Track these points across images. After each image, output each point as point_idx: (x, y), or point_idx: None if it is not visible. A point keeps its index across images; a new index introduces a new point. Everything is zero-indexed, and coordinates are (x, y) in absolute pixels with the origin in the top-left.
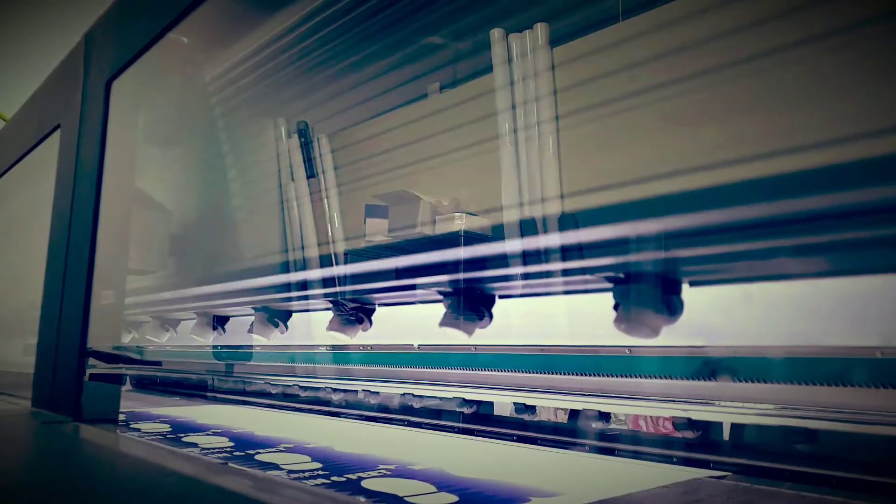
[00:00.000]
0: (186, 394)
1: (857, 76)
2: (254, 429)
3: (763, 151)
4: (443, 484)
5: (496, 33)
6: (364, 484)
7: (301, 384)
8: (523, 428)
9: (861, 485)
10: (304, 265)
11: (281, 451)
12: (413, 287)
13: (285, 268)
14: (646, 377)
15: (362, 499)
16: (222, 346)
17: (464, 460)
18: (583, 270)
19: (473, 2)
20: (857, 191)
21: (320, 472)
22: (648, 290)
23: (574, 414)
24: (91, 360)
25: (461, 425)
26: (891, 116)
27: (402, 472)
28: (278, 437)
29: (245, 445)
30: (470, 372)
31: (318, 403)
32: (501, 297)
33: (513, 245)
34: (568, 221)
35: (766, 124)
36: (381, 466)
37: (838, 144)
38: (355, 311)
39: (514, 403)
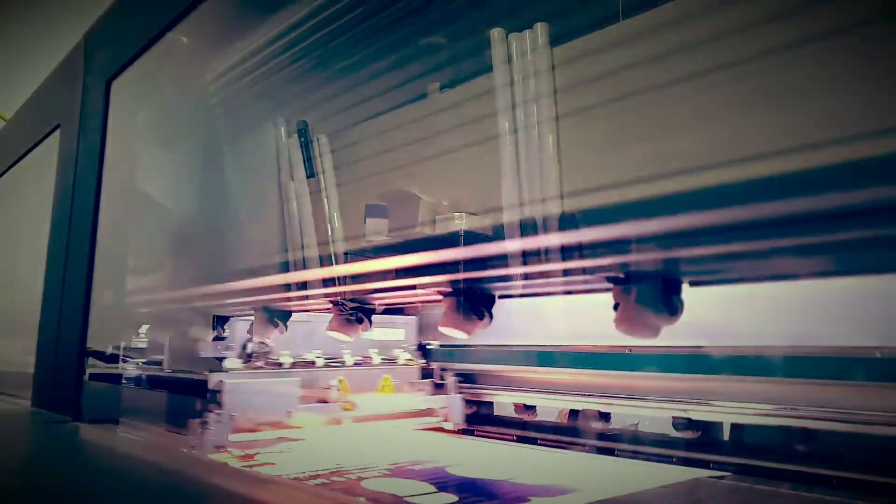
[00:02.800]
0: None
1: (858, 76)
2: None
3: (763, 152)
4: (442, 484)
5: (496, 33)
6: (364, 484)
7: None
8: (523, 428)
9: (861, 485)
10: (304, 265)
11: (280, 451)
12: (413, 287)
13: (285, 267)
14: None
15: (362, 499)
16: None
17: (464, 460)
18: (583, 270)
19: (473, 2)
20: (857, 191)
21: (320, 473)
22: (648, 290)
23: (574, 413)
24: (91, 360)
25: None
26: (891, 116)
27: (402, 472)
28: (278, 436)
29: (245, 446)
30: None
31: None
32: (501, 297)
33: (513, 245)
34: (568, 221)
35: (767, 124)
36: (381, 466)
37: (838, 144)
38: (355, 311)
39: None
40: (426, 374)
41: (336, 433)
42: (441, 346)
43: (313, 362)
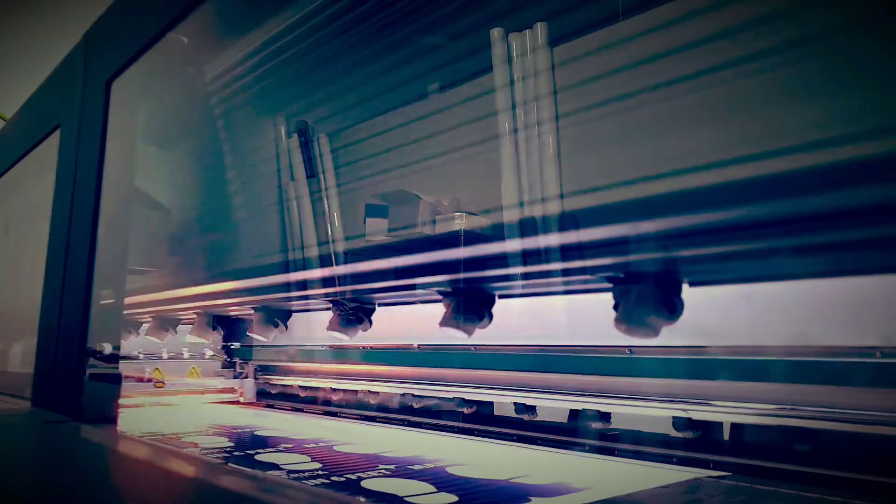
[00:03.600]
0: None
1: (858, 76)
2: (254, 428)
3: (763, 151)
4: (442, 484)
5: (496, 33)
6: (364, 484)
7: (300, 384)
8: (523, 428)
9: (861, 485)
10: (304, 265)
11: (280, 451)
12: (413, 287)
13: (285, 267)
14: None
15: (362, 499)
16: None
17: (464, 460)
18: (583, 270)
19: (473, 2)
20: (857, 191)
21: (320, 472)
22: (648, 290)
23: (574, 414)
24: (91, 360)
25: (461, 425)
26: (890, 116)
27: (401, 473)
28: (278, 436)
29: (245, 445)
30: (470, 372)
31: (318, 403)
32: (501, 297)
33: (513, 245)
34: (568, 221)
35: (766, 124)
36: (381, 466)
37: (838, 145)
38: (355, 311)
39: (515, 403)
40: (229, 365)
41: (152, 403)
42: (241, 346)
43: (137, 356)
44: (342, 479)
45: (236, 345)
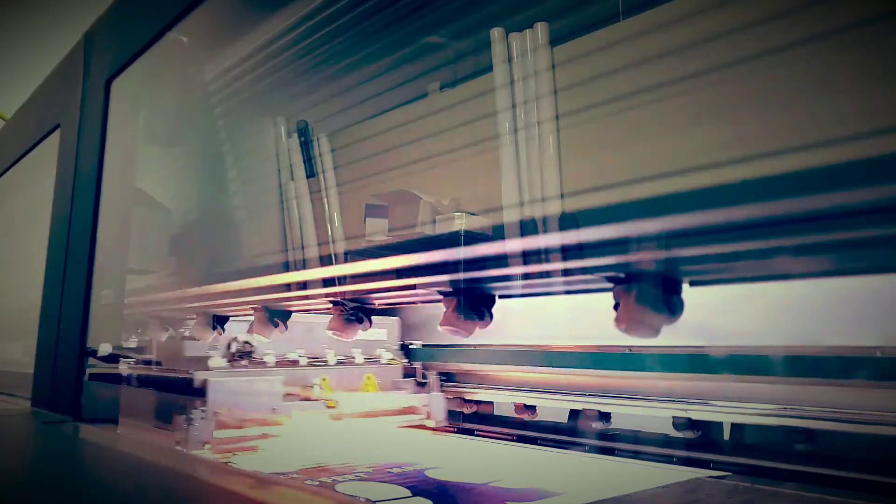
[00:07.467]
0: None
1: (857, 76)
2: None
3: (763, 151)
4: (419, 488)
5: (496, 33)
6: (338, 487)
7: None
8: (522, 428)
9: (861, 485)
10: (303, 265)
11: (262, 449)
12: (413, 287)
13: (285, 268)
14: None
15: (362, 499)
16: None
17: (457, 461)
18: (583, 270)
19: (473, 2)
20: (857, 191)
21: (295, 475)
22: (649, 290)
23: (574, 413)
24: (91, 360)
25: (459, 425)
26: (891, 116)
27: (379, 476)
28: (262, 433)
29: (227, 442)
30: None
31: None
32: (501, 296)
33: (513, 245)
34: (568, 221)
35: (766, 124)
36: (359, 470)
37: (838, 144)
38: (355, 311)
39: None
40: (408, 373)
41: (318, 430)
42: (423, 345)
43: (296, 361)
44: None
45: (416, 343)
